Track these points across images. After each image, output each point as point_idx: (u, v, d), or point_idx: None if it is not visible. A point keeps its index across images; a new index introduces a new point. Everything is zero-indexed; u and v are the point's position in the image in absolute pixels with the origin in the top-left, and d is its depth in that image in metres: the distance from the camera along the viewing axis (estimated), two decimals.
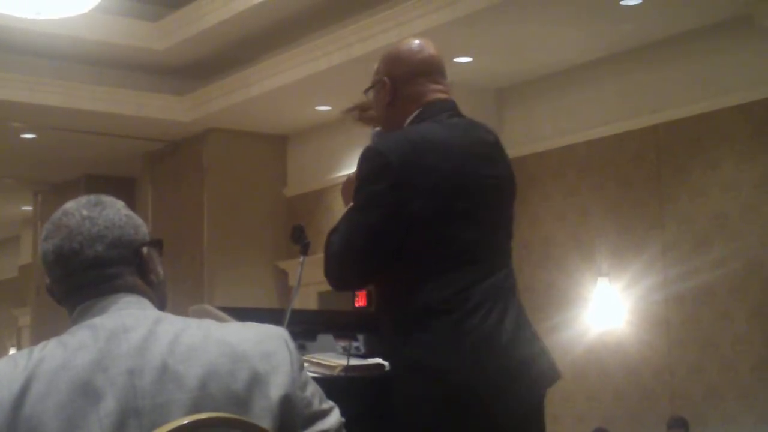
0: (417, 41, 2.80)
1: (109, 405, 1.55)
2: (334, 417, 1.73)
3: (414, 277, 2.54)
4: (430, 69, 2.75)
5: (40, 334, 11.43)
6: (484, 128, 2.79)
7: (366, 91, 2.85)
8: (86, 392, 1.56)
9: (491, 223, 2.65)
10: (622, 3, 6.77)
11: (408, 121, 2.71)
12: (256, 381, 1.63)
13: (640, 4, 6.78)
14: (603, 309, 7.70)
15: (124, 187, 10.97)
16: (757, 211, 6.95)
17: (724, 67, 7.17)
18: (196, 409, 1.57)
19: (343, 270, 2.62)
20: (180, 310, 1.88)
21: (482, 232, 2.61)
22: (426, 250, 2.54)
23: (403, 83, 2.73)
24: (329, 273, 2.64)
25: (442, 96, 2.74)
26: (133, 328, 1.65)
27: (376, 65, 2.82)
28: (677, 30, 7.30)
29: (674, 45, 7.42)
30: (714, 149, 7.20)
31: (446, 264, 2.54)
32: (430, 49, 2.78)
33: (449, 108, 2.73)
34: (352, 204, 2.68)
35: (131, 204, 1.86)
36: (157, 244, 1.84)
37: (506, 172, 2.75)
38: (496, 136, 2.80)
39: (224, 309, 2.72)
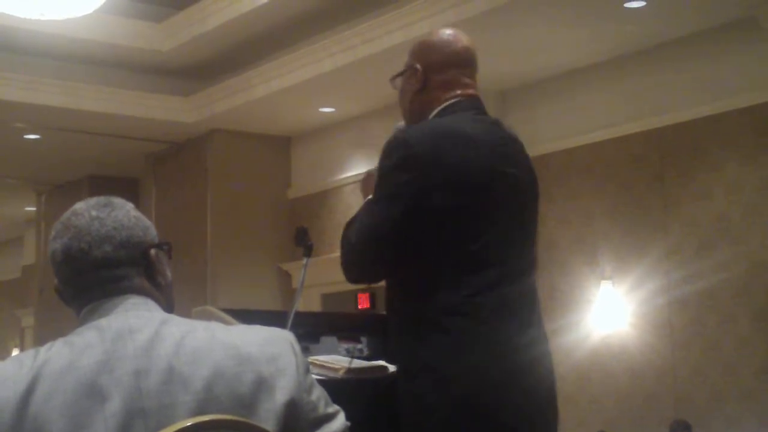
0: (450, 31, 2.78)
1: (114, 405, 1.56)
2: (340, 421, 1.73)
3: (431, 276, 2.49)
4: (463, 61, 2.74)
5: (42, 335, 11.44)
6: (507, 128, 2.77)
7: (393, 78, 2.82)
8: (92, 393, 1.56)
9: (511, 224, 2.59)
10: (625, 5, 6.77)
11: (434, 112, 2.69)
12: (262, 384, 1.63)
13: (643, 6, 6.78)
14: (606, 312, 7.70)
15: (127, 188, 10.98)
16: (761, 214, 6.95)
17: (728, 69, 7.17)
18: (201, 412, 1.57)
19: (363, 261, 2.57)
20: (183, 312, 1.88)
21: (502, 233, 2.55)
22: (445, 247, 2.48)
23: (434, 72, 2.71)
24: (348, 265, 2.60)
25: (470, 92, 2.72)
26: (139, 329, 1.66)
27: (408, 55, 2.79)
28: (681, 32, 7.29)
29: (678, 47, 7.42)
30: (717, 152, 7.20)
31: (465, 263, 2.48)
32: (464, 41, 2.77)
33: (475, 106, 2.72)
34: (371, 196, 2.63)
35: (135, 205, 1.86)
36: (165, 246, 1.85)
37: (528, 174, 2.72)
38: (517, 137, 2.79)
39: (227, 311, 2.72)
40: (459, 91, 2.70)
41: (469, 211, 2.50)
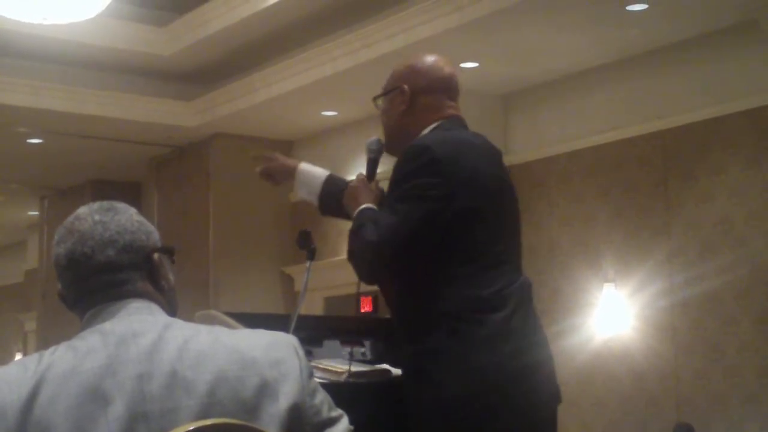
0: (434, 57, 2.90)
1: (117, 409, 1.56)
2: (343, 425, 1.73)
3: (453, 274, 2.58)
4: (449, 87, 2.86)
5: (45, 339, 11.45)
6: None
7: (375, 98, 2.92)
8: (95, 396, 1.57)
9: (514, 226, 2.79)
10: (628, 8, 6.77)
11: (427, 130, 2.79)
12: (265, 388, 1.64)
13: (646, 9, 6.78)
14: (609, 315, 7.69)
15: (130, 192, 10.98)
16: (763, 217, 6.94)
17: (730, 72, 7.16)
18: (204, 416, 1.57)
19: (381, 260, 2.61)
20: (186, 316, 1.88)
21: (509, 234, 2.74)
22: (465, 247, 2.60)
23: (421, 94, 2.82)
24: (362, 263, 2.64)
25: (455, 113, 2.85)
26: (142, 333, 1.66)
27: (390, 77, 2.91)
28: (683, 35, 7.29)
29: (680, 50, 7.42)
30: (720, 155, 7.20)
31: (485, 262, 2.61)
32: (448, 67, 2.89)
33: (462, 125, 2.84)
34: (364, 205, 2.73)
35: (137, 209, 1.87)
36: (168, 250, 1.85)
37: (511, 182, 2.88)
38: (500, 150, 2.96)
39: (230, 314, 2.72)
40: (445, 112, 2.82)
41: (485, 213, 2.64)
